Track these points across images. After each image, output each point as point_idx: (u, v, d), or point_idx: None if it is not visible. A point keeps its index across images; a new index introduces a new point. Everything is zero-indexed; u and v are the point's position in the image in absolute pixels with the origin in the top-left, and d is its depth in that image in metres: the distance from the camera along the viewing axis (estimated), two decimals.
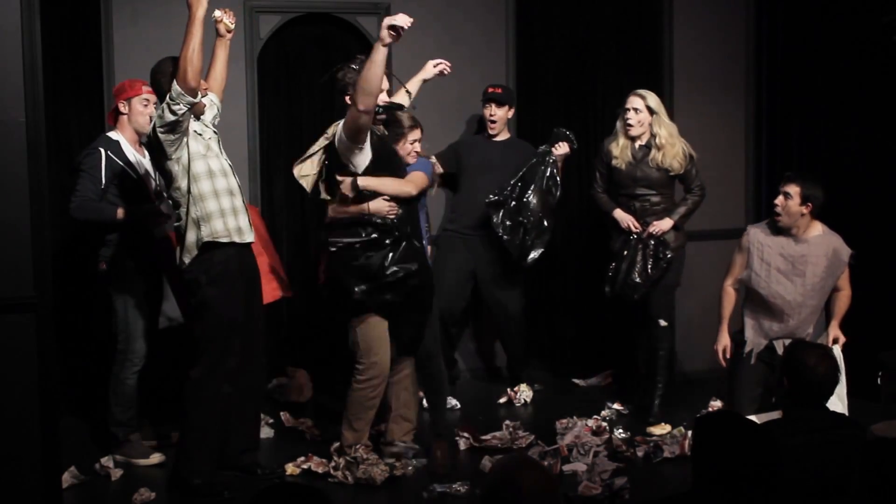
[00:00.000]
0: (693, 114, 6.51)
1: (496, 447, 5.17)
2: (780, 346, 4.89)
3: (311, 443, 5.25)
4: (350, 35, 6.21)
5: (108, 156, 4.88)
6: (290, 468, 4.85)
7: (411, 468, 4.85)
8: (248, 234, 4.62)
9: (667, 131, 5.51)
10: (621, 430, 5.37)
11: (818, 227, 5.01)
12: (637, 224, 5.54)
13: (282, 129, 6.32)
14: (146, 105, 4.94)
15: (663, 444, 5.09)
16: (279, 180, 6.30)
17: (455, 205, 6.19)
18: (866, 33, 5.90)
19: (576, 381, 6.46)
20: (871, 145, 6.01)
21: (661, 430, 5.39)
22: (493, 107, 6.04)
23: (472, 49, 6.37)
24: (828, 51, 6.20)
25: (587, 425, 5.29)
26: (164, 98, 4.36)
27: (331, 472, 4.73)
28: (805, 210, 4.92)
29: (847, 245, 5.01)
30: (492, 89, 6.06)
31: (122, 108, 4.99)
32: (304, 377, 6.06)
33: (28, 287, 3.87)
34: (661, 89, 6.44)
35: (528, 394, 6.10)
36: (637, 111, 5.50)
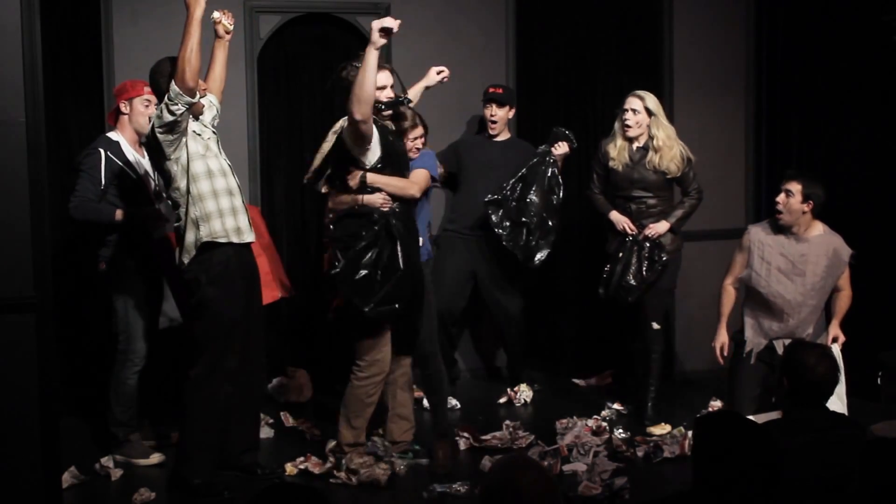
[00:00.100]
0: (693, 114, 6.52)
1: (496, 447, 5.17)
2: (780, 346, 4.88)
3: (311, 443, 5.25)
4: (350, 35, 6.21)
5: (108, 156, 4.88)
6: (289, 468, 4.85)
7: (404, 466, 4.86)
8: (248, 234, 4.62)
9: (665, 133, 5.48)
10: (621, 430, 5.37)
11: (819, 227, 5.01)
12: (632, 226, 5.51)
13: (282, 129, 6.31)
14: (147, 106, 4.94)
15: (663, 444, 5.09)
16: (279, 180, 6.30)
17: (455, 205, 6.18)
18: (866, 33, 5.90)
19: (576, 381, 6.46)
20: (871, 145, 6.01)
21: (661, 430, 5.39)
22: (493, 107, 6.04)
23: (472, 49, 6.38)
24: (828, 50, 6.21)
25: (587, 425, 5.29)
26: (163, 98, 4.36)
27: (333, 473, 4.73)
28: (806, 208, 4.92)
29: (847, 245, 5.01)
30: (492, 89, 6.06)
31: (124, 108, 4.99)
32: (304, 377, 6.06)
33: (28, 287, 3.87)
34: (661, 89, 6.45)
35: (528, 394, 6.10)
36: (635, 112, 5.48)
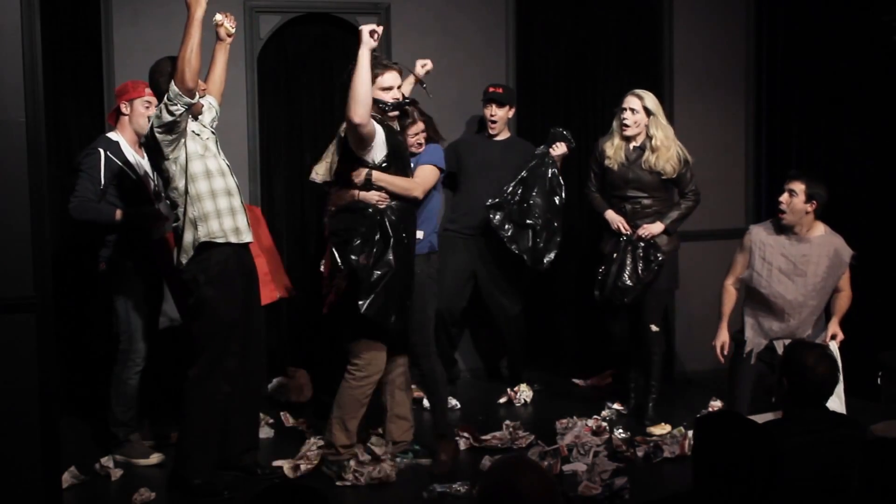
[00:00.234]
0: (693, 114, 6.52)
1: (496, 447, 5.17)
2: (780, 347, 4.89)
3: (306, 441, 5.25)
4: (350, 35, 6.19)
5: (108, 156, 4.88)
6: (285, 466, 4.85)
7: (402, 465, 4.88)
8: (246, 234, 4.62)
9: (663, 133, 5.44)
10: (621, 430, 5.36)
11: (820, 228, 5.01)
12: (627, 226, 5.48)
13: (282, 129, 6.32)
14: (148, 107, 4.93)
15: (663, 444, 5.09)
16: (279, 180, 6.31)
17: (455, 205, 6.18)
18: (866, 33, 5.90)
19: (576, 381, 6.46)
20: (871, 145, 6.01)
21: (661, 430, 5.39)
22: (493, 107, 6.04)
23: (472, 49, 6.38)
24: (828, 50, 6.21)
25: (587, 425, 5.29)
26: (163, 98, 4.36)
27: (341, 475, 4.72)
28: (810, 208, 4.92)
29: (848, 246, 5.01)
30: (492, 89, 6.06)
31: (124, 108, 4.99)
32: (304, 377, 6.06)
33: (28, 287, 3.87)
34: (661, 89, 6.45)
35: (528, 394, 6.10)
36: (634, 111, 5.44)
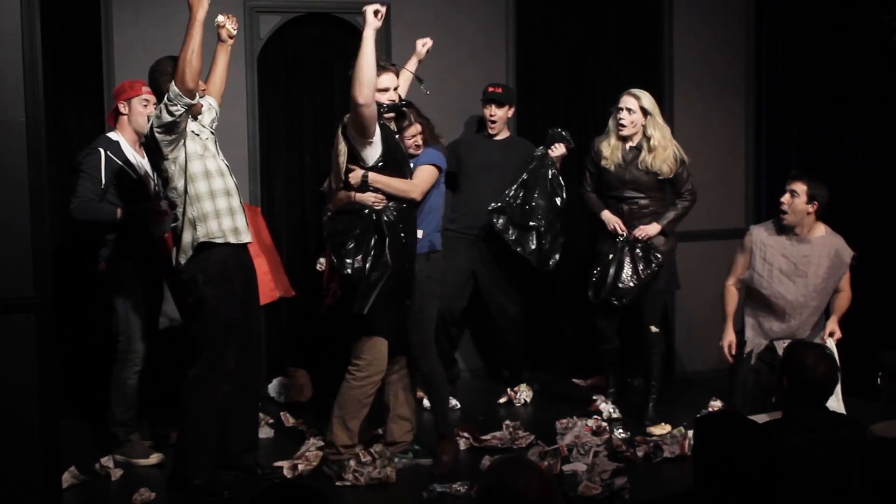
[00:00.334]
0: (693, 114, 6.52)
1: (496, 447, 5.17)
2: (780, 347, 4.88)
3: (306, 442, 5.25)
4: (350, 35, 6.20)
5: (108, 156, 4.88)
6: (285, 466, 4.85)
7: (400, 464, 4.88)
8: (245, 235, 4.62)
9: (660, 133, 5.41)
10: (621, 430, 5.36)
11: (821, 228, 5.01)
12: (623, 227, 5.45)
13: (282, 129, 6.31)
14: (146, 105, 4.94)
15: (663, 444, 5.09)
16: (279, 180, 6.30)
17: (455, 204, 6.18)
18: (866, 33, 5.90)
19: (576, 381, 6.46)
20: (871, 145, 6.01)
21: (661, 430, 5.39)
22: (493, 107, 6.04)
23: (472, 49, 6.38)
24: (828, 50, 6.20)
25: (587, 425, 5.29)
26: (162, 97, 4.36)
27: (341, 475, 4.72)
28: (811, 209, 4.92)
29: (848, 246, 5.01)
30: (492, 89, 6.05)
31: (122, 108, 4.99)
32: (304, 377, 6.06)
33: (28, 287, 3.87)
34: (661, 89, 6.45)
35: (528, 394, 6.10)
36: (630, 111, 5.41)
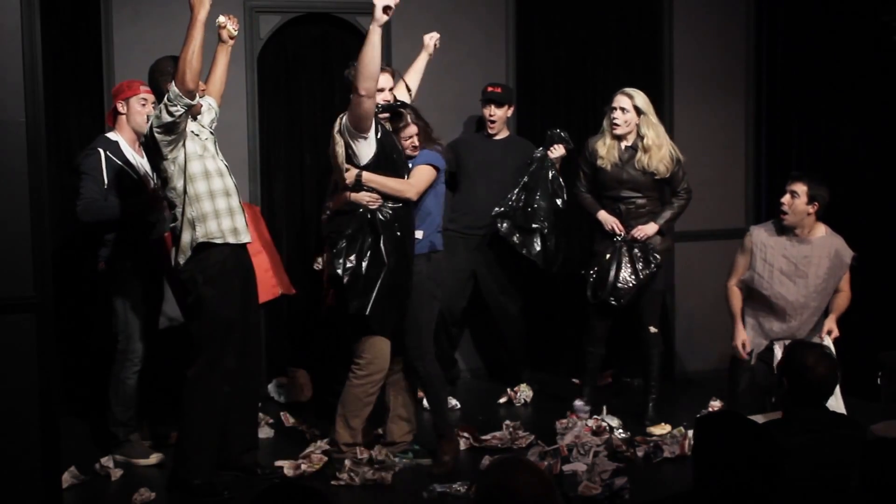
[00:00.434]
0: (693, 114, 6.52)
1: (496, 447, 5.17)
2: (780, 347, 4.88)
3: (311, 443, 5.24)
4: (350, 35, 6.21)
5: (108, 156, 4.88)
6: (285, 466, 4.85)
7: (401, 464, 4.88)
8: (244, 235, 4.62)
9: (654, 132, 5.38)
10: (621, 430, 5.36)
11: (821, 229, 5.01)
12: (621, 227, 5.43)
13: (282, 129, 6.31)
14: (144, 105, 4.93)
15: (663, 444, 5.09)
16: (279, 180, 6.30)
17: (455, 204, 6.18)
18: (866, 33, 5.90)
19: (576, 380, 6.45)
20: (872, 145, 6.01)
21: (661, 430, 5.39)
22: (492, 107, 6.04)
23: (472, 49, 6.38)
24: (828, 50, 6.21)
25: (587, 425, 5.29)
26: (162, 97, 4.35)
27: (336, 474, 4.73)
28: (812, 209, 4.92)
29: (848, 246, 5.01)
30: (491, 88, 6.05)
31: (121, 108, 4.99)
32: (304, 377, 6.06)
33: (28, 287, 3.88)
34: (661, 89, 6.46)
35: (528, 394, 6.10)
36: (624, 111, 5.38)
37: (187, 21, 4.27)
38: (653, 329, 5.55)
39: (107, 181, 4.84)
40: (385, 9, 4.34)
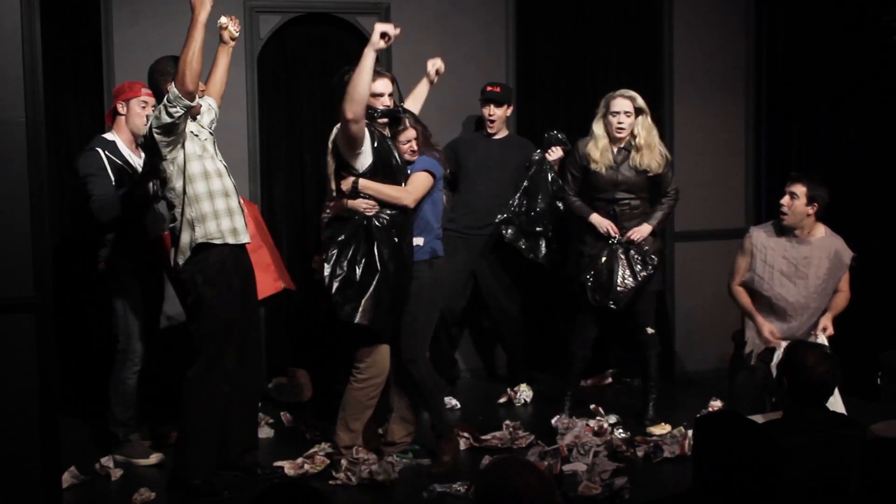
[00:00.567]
0: (693, 114, 6.52)
1: (496, 447, 5.17)
2: (780, 347, 4.88)
3: (312, 443, 5.24)
4: (350, 35, 6.21)
5: (107, 155, 4.88)
6: (286, 466, 4.85)
7: (401, 465, 4.88)
8: (244, 235, 4.62)
9: (646, 131, 5.35)
10: (621, 430, 5.36)
11: (821, 229, 5.01)
12: (616, 229, 5.39)
13: (282, 129, 6.32)
14: (144, 107, 4.93)
15: (663, 444, 5.09)
16: (279, 180, 6.31)
17: (455, 204, 6.16)
18: (866, 33, 5.90)
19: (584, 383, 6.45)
20: (872, 146, 6.00)
21: (661, 430, 5.39)
22: (491, 107, 6.04)
23: (472, 49, 6.38)
24: (828, 51, 6.21)
25: (587, 425, 5.29)
26: (162, 97, 4.35)
27: (332, 473, 4.73)
28: (811, 210, 4.92)
29: (848, 247, 5.01)
30: (490, 88, 6.05)
31: (121, 108, 4.99)
32: (304, 377, 6.06)
33: (28, 287, 3.87)
34: (661, 89, 6.46)
35: (528, 394, 6.10)
36: (628, 114, 5.30)
37: (187, 22, 4.28)
38: (650, 330, 5.54)
39: (114, 178, 4.85)
40: (383, 35, 4.36)
